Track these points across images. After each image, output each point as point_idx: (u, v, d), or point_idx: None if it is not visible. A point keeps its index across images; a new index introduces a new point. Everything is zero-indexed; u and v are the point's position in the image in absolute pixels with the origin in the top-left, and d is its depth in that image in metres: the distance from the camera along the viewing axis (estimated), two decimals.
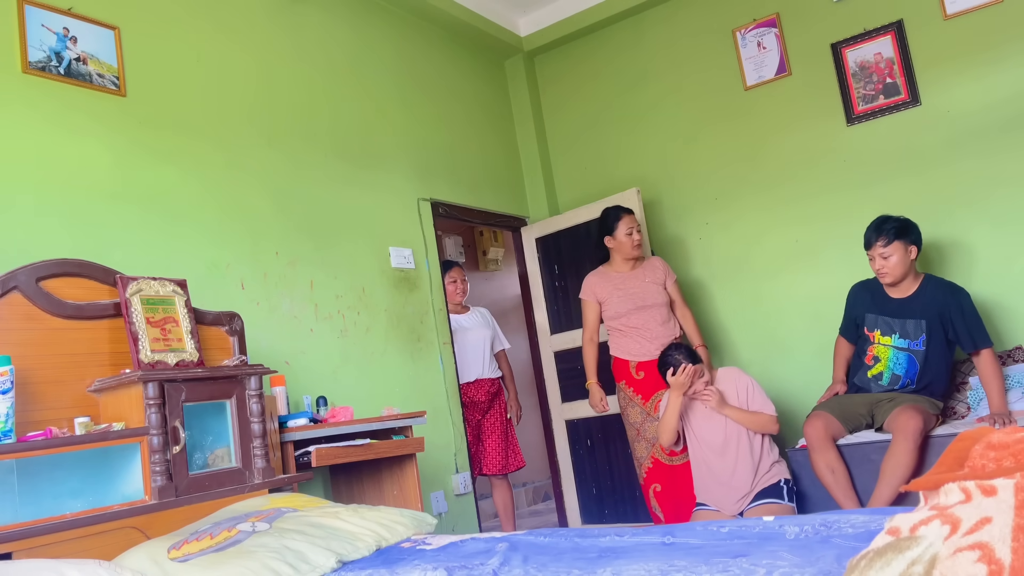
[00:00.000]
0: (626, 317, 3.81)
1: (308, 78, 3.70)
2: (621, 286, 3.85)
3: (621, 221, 3.85)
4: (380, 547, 1.89)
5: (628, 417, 3.80)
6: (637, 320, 3.79)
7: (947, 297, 3.27)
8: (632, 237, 3.83)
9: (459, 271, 4.33)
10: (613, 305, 3.85)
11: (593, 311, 3.93)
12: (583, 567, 1.44)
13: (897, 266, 3.28)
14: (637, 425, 3.74)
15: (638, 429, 3.74)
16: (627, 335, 3.82)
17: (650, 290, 3.83)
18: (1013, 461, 0.88)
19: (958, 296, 3.27)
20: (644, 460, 3.72)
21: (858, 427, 3.33)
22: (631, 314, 3.80)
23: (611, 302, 3.85)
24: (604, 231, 3.91)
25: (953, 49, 3.89)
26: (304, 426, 2.79)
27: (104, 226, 2.74)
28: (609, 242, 3.89)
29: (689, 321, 3.92)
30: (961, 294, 3.28)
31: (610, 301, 3.85)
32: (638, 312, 3.80)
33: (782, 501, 3.18)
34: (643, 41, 4.82)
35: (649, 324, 3.78)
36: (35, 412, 2.18)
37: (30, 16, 2.65)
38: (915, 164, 3.97)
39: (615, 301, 3.83)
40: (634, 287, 3.83)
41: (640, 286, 3.83)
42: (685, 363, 3.27)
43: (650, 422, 3.66)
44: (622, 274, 3.88)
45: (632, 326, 3.80)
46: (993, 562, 0.78)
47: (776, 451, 3.33)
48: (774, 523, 1.57)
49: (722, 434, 3.28)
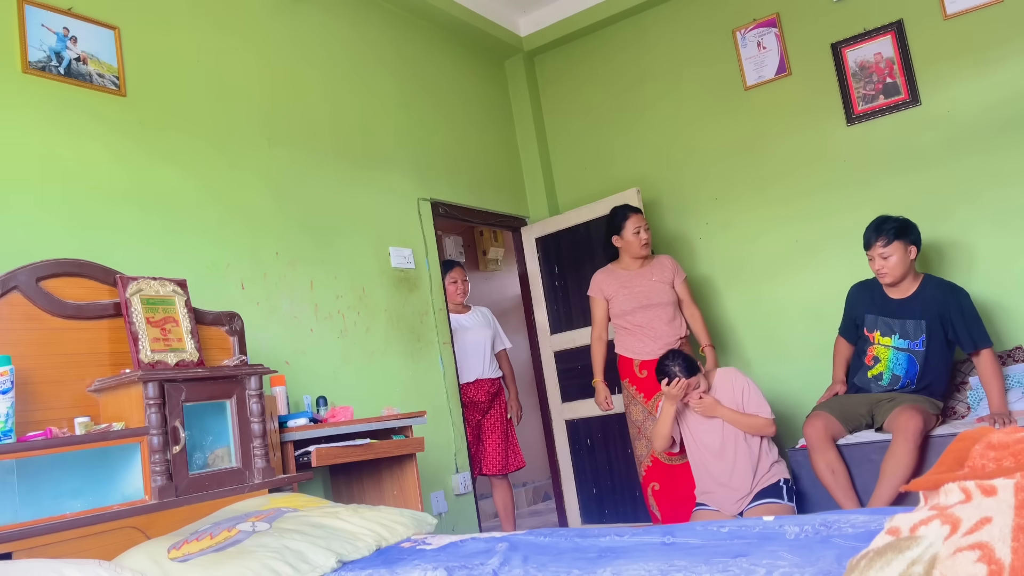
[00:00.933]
0: (631, 315, 3.82)
1: (308, 78, 3.70)
2: (627, 284, 3.86)
3: (629, 220, 3.85)
4: (380, 547, 1.89)
5: (630, 415, 3.81)
6: (642, 318, 3.79)
7: (947, 297, 3.27)
8: (640, 236, 3.83)
9: (460, 271, 4.33)
10: (619, 303, 3.85)
11: (600, 308, 3.94)
12: (583, 567, 1.44)
13: (897, 266, 3.28)
14: (638, 423, 3.74)
15: (639, 427, 3.74)
16: (632, 333, 3.83)
17: (656, 289, 3.83)
18: (1013, 461, 0.88)
19: (958, 296, 3.27)
20: (644, 459, 3.72)
21: (858, 427, 3.33)
22: (636, 312, 3.81)
23: (617, 299, 3.86)
24: (612, 230, 3.92)
25: (953, 49, 3.89)
26: (304, 426, 2.79)
27: (104, 226, 2.74)
28: (617, 241, 3.90)
29: (697, 320, 3.92)
30: (960, 294, 3.28)
31: (616, 298, 3.87)
32: (643, 310, 3.80)
33: (782, 501, 3.18)
34: (643, 41, 4.82)
35: (654, 323, 3.78)
36: (35, 412, 2.18)
37: (30, 16, 2.65)
38: (915, 164, 3.97)
39: (621, 299, 3.84)
40: (640, 285, 3.83)
41: (647, 284, 3.83)
42: (679, 377, 3.26)
43: (651, 421, 3.66)
44: (629, 272, 3.88)
45: (637, 324, 3.81)
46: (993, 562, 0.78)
47: (775, 451, 3.33)
48: (774, 523, 1.57)
49: (719, 436, 3.28)
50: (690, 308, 3.92)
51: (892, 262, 3.28)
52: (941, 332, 3.28)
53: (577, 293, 4.74)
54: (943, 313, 3.27)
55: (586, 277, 4.79)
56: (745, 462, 3.23)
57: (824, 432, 3.20)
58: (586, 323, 4.59)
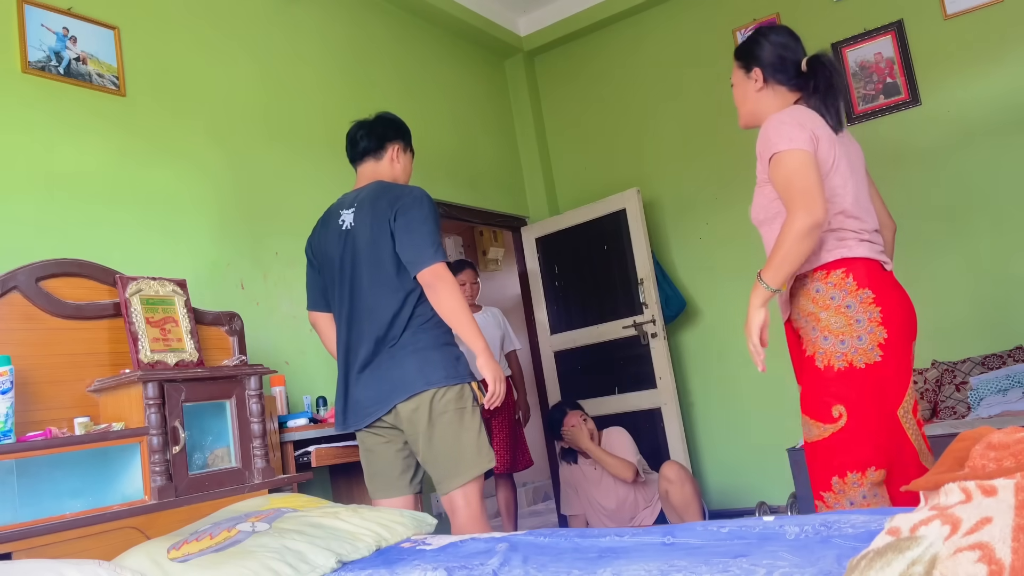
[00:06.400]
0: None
1: (308, 78, 3.70)
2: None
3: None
4: (380, 547, 1.89)
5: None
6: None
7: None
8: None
9: (470, 272, 4.27)
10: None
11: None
12: (583, 567, 1.44)
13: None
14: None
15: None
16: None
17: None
18: (1013, 461, 0.88)
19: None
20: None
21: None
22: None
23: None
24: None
25: (953, 49, 3.89)
26: (304, 426, 2.79)
27: (104, 226, 2.74)
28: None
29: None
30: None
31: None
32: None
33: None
34: (643, 41, 4.82)
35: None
36: (35, 412, 2.18)
37: (30, 16, 2.65)
38: (915, 164, 3.97)
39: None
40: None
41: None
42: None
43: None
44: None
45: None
46: (993, 562, 0.78)
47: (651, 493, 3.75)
48: (774, 523, 1.57)
49: (614, 499, 3.72)
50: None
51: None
52: None
53: (577, 293, 4.74)
54: None
55: (586, 277, 4.79)
56: (635, 509, 3.74)
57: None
58: (586, 323, 4.60)
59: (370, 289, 2.35)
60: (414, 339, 2.32)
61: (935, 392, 3.64)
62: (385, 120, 2.58)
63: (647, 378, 4.47)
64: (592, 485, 3.83)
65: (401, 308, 2.32)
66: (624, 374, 4.55)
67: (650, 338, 4.44)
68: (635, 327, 4.47)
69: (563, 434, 3.88)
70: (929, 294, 3.86)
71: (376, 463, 2.43)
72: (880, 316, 1.90)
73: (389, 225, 2.33)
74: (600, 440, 3.85)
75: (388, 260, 2.33)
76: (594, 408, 4.42)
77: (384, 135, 2.54)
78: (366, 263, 2.36)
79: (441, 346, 2.34)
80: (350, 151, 2.60)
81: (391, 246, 2.32)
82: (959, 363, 3.61)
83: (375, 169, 2.55)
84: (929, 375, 3.67)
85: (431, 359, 2.31)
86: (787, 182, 1.93)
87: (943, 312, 3.83)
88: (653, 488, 3.73)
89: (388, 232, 2.33)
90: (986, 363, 3.60)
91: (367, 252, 2.36)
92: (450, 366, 2.33)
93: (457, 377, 2.33)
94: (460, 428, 2.31)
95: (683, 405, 4.53)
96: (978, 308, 3.33)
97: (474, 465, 2.31)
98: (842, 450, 1.89)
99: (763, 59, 2.17)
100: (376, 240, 2.35)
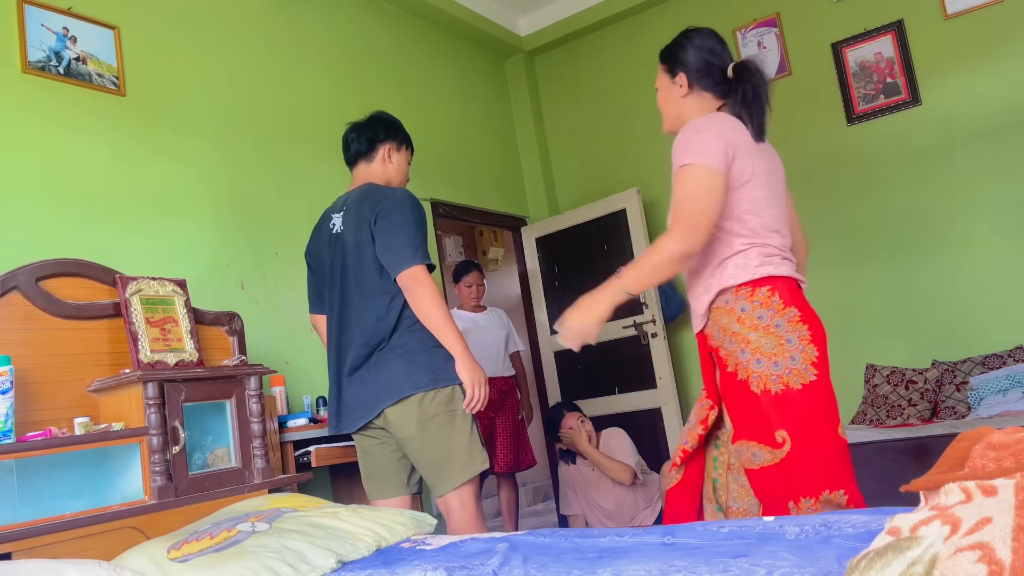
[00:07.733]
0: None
1: (308, 78, 3.70)
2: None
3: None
4: (380, 547, 1.89)
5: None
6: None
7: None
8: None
9: (477, 275, 4.27)
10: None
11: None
12: (583, 567, 1.44)
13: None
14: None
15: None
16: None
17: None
18: (1013, 461, 0.88)
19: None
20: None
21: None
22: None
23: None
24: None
25: (953, 49, 3.89)
26: (304, 426, 2.79)
27: (104, 226, 2.74)
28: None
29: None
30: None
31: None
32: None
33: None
34: (643, 41, 4.82)
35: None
36: (35, 412, 2.18)
37: (30, 16, 2.65)
38: (915, 164, 3.97)
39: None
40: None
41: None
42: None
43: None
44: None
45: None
46: (993, 562, 0.78)
47: (652, 493, 3.76)
48: (774, 523, 1.57)
49: (613, 500, 3.73)
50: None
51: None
52: None
53: (578, 293, 4.73)
54: None
55: (586, 277, 4.78)
56: (635, 509, 3.75)
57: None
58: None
59: (357, 293, 2.34)
60: (402, 341, 2.30)
61: (935, 392, 3.64)
62: (376, 120, 2.56)
63: (647, 378, 4.47)
64: (591, 486, 3.83)
65: (387, 311, 2.30)
66: (624, 374, 4.55)
67: (650, 338, 4.45)
68: (635, 327, 4.47)
69: (561, 436, 3.88)
70: (929, 293, 3.86)
71: (372, 464, 2.43)
72: (809, 334, 1.84)
73: (370, 228, 2.32)
74: (599, 441, 3.84)
75: (371, 264, 2.32)
76: (594, 408, 4.42)
77: (374, 137, 2.52)
78: (352, 267, 2.35)
79: (430, 348, 2.31)
80: (344, 154, 2.59)
81: (373, 249, 2.31)
82: (959, 363, 3.61)
83: (367, 171, 2.54)
84: (929, 375, 3.67)
85: (419, 362, 2.29)
86: (683, 199, 1.86)
87: (943, 312, 3.83)
88: (653, 488, 3.72)
89: (370, 235, 2.32)
90: (986, 363, 3.60)
91: (353, 256, 2.35)
92: (439, 368, 2.30)
93: (447, 379, 2.30)
94: (451, 431, 2.29)
95: (683, 405, 4.53)
96: (978, 307, 3.33)
97: (466, 468, 2.30)
98: (793, 475, 1.82)
99: (689, 64, 2.11)
100: (360, 244, 2.34)
